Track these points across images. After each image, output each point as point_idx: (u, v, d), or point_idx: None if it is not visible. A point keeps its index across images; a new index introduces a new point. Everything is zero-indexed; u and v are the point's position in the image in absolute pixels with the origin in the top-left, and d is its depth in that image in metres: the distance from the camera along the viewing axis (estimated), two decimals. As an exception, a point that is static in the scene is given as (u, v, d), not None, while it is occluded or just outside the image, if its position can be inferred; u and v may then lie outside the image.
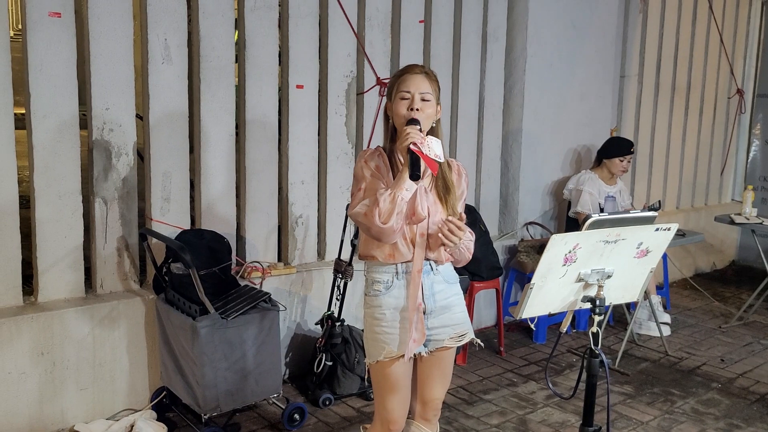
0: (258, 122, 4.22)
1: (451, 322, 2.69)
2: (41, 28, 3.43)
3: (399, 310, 2.61)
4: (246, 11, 4.09)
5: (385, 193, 2.44)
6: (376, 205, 2.43)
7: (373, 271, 2.66)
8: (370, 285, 2.66)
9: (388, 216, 2.43)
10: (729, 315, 6.03)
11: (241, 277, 4.07)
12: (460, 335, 2.71)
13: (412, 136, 2.43)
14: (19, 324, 3.44)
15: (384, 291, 2.62)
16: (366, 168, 2.58)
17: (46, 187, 3.56)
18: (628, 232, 2.50)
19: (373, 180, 2.55)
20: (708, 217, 7.00)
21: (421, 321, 2.60)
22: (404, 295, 2.61)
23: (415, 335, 2.59)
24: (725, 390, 4.48)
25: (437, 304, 2.66)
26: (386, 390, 2.66)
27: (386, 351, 2.60)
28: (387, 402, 2.67)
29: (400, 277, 2.62)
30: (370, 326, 2.66)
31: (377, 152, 2.64)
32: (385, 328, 2.61)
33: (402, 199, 2.44)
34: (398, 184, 2.45)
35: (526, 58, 5.44)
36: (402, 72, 2.63)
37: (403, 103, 2.56)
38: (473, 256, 4.74)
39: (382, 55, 4.70)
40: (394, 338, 2.60)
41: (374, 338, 2.63)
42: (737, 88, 7.75)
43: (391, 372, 2.62)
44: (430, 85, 2.58)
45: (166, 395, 3.80)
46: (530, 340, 5.25)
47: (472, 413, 4.05)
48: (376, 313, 2.63)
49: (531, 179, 5.65)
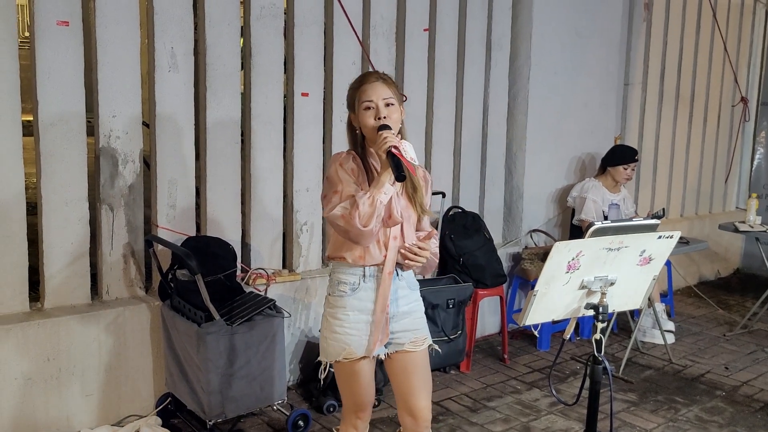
0: (263, 130, 4.25)
1: (411, 326, 2.72)
2: (49, 37, 3.46)
3: (362, 312, 2.63)
4: (252, 20, 4.12)
5: (364, 197, 2.45)
6: (355, 208, 2.44)
7: (339, 271, 2.67)
8: (335, 285, 2.67)
9: (368, 219, 2.44)
10: (733, 323, 6.02)
11: (246, 283, 4.09)
12: (422, 339, 2.74)
13: (390, 140, 2.45)
14: (26, 330, 3.46)
15: (350, 293, 2.63)
16: (341, 171, 2.58)
17: (53, 194, 3.58)
18: (631, 240, 2.52)
19: (348, 183, 2.56)
20: (712, 225, 6.99)
21: (387, 322, 2.64)
22: (370, 298, 2.63)
23: (381, 336, 2.63)
24: (729, 398, 4.48)
25: (399, 309, 2.69)
26: (352, 385, 2.71)
27: (346, 352, 2.62)
28: (354, 395, 2.74)
29: (367, 279, 2.63)
30: (329, 325, 2.66)
31: (350, 155, 2.65)
32: (347, 329, 2.63)
33: (381, 203, 2.46)
34: (377, 188, 2.47)
35: (530, 66, 5.46)
36: (359, 82, 2.64)
37: (368, 113, 2.57)
38: (478, 264, 4.84)
39: (386, 63, 4.73)
40: (356, 339, 2.62)
41: (334, 338, 2.64)
42: (741, 96, 7.75)
43: (354, 370, 2.66)
44: (389, 89, 2.60)
45: (171, 401, 3.81)
46: (534, 348, 5.25)
47: (475, 420, 4.06)
48: (338, 314, 2.64)
49: (535, 187, 5.66)
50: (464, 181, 5.37)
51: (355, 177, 2.59)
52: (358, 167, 2.62)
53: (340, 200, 2.52)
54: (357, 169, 2.61)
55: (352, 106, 2.65)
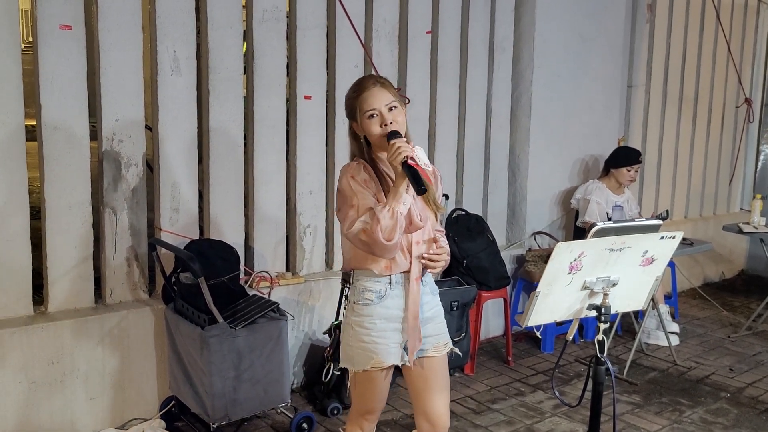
0: (266, 133, 4.25)
1: (434, 332, 2.71)
2: (52, 41, 3.47)
3: (389, 320, 2.60)
4: (254, 23, 4.13)
5: (384, 210, 2.41)
6: (376, 222, 2.39)
7: (364, 279, 2.61)
8: (360, 293, 2.62)
9: (390, 232, 2.40)
10: (738, 324, 6.00)
11: (250, 286, 4.09)
12: (443, 344, 2.73)
13: (404, 150, 2.40)
14: (30, 334, 3.47)
15: (376, 300, 2.59)
16: (354, 183, 2.51)
17: (57, 198, 3.59)
18: (633, 240, 2.51)
19: (363, 195, 2.49)
20: (716, 227, 6.98)
21: (419, 328, 2.61)
22: (397, 305, 2.60)
23: (415, 342, 2.60)
24: (734, 399, 4.46)
25: (424, 315, 2.67)
26: (368, 394, 2.68)
27: (374, 361, 2.59)
28: (368, 403, 2.72)
29: (394, 287, 2.60)
30: (356, 334, 2.61)
31: (360, 165, 2.58)
32: (375, 337, 2.59)
33: (401, 214, 2.42)
34: (395, 199, 2.42)
35: (533, 68, 5.47)
36: (357, 91, 2.57)
37: (373, 121, 2.52)
38: (481, 266, 4.83)
39: (389, 66, 4.73)
40: (383, 348, 2.59)
41: (361, 347, 2.60)
42: (745, 97, 7.74)
43: (378, 379, 2.64)
44: (390, 93, 2.56)
45: (175, 404, 3.81)
46: (538, 350, 5.24)
47: (480, 423, 4.05)
48: (365, 322, 2.59)
49: (538, 189, 5.66)
50: (468, 183, 5.36)
51: (369, 187, 2.53)
52: (370, 176, 2.56)
53: (357, 215, 2.45)
54: (370, 179, 2.55)
55: (354, 115, 2.59)
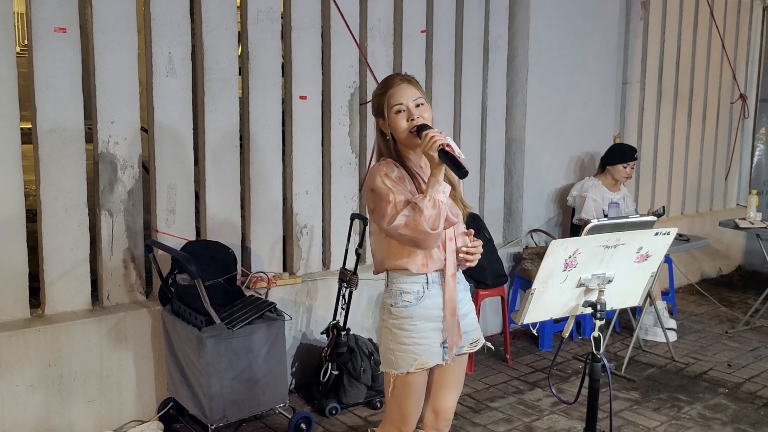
0: (262, 133, 4.25)
1: (469, 328, 2.72)
2: (47, 43, 3.47)
3: (429, 320, 2.59)
4: (249, 24, 4.13)
5: (425, 200, 2.40)
6: (420, 213, 2.39)
7: (400, 281, 2.60)
8: (398, 296, 2.60)
9: (434, 221, 2.40)
10: (735, 320, 6.01)
11: (247, 287, 4.10)
12: (475, 341, 2.75)
13: (439, 138, 2.40)
14: (26, 336, 3.47)
15: (415, 302, 2.58)
16: (388, 180, 2.49)
17: (53, 201, 3.59)
18: (627, 237, 2.52)
19: (399, 191, 2.48)
20: (713, 223, 6.98)
21: (458, 325, 2.62)
22: (436, 305, 2.59)
23: (456, 339, 2.61)
24: (732, 395, 4.47)
25: (460, 312, 2.67)
26: (407, 397, 2.65)
27: (418, 362, 2.58)
28: (405, 407, 2.67)
29: (431, 287, 2.59)
30: (397, 337, 2.59)
31: (391, 163, 2.57)
32: (417, 339, 2.57)
33: (442, 203, 2.42)
34: (434, 188, 2.42)
35: (528, 66, 5.47)
36: (385, 88, 2.59)
37: (400, 117, 2.54)
38: (478, 264, 4.82)
39: (384, 66, 4.73)
40: (426, 349, 2.58)
41: (403, 349, 2.58)
42: (740, 93, 7.75)
43: (417, 381, 2.63)
44: (417, 89, 2.58)
45: (173, 406, 3.81)
46: (536, 348, 5.25)
47: (478, 421, 4.06)
48: (405, 325, 2.58)
49: (534, 187, 5.67)
50: (464, 181, 5.33)
51: (403, 184, 2.52)
52: (401, 174, 2.55)
53: (396, 210, 2.44)
54: (402, 176, 2.54)
55: (381, 112, 2.59)
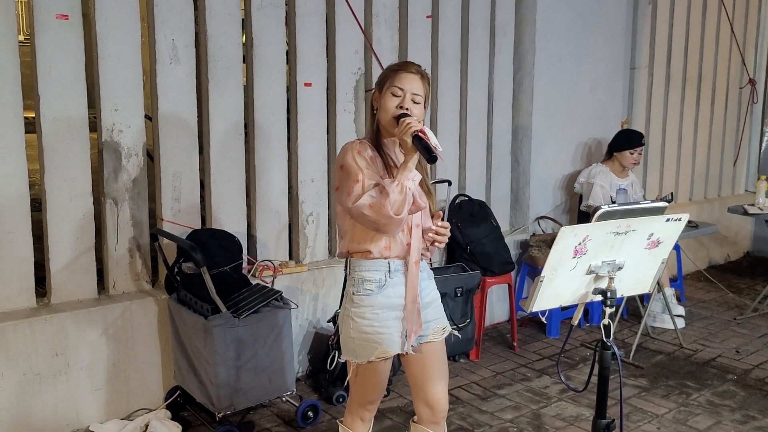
0: (267, 121, 4.23)
1: (434, 316, 2.70)
2: (49, 31, 3.44)
3: (391, 309, 2.57)
4: (253, 10, 4.10)
5: (393, 184, 2.39)
6: (385, 197, 2.37)
7: (362, 269, 2.58)
8: (359, 284, 2.58)
9: (399, 207, 2.38)
10: (744, 306, 5.98)
11: (253, 275, 4.08)
12: (442, 328, 2.72)
13: (414, 125, 2.40)
14: (33, 326, 3.46)
15: (376, 290, 2.56)
16: (360, 158, 2.48)
17: (57, 190, 3.58)
18: (638, 223, 2.49)
19: (369, 171, 2.48)
20: (721, 209, 6.94)
21: (419, 313, 2.59)
22: (397, 294, 2.57)
23: (415, 327, 2.59)
24: (741, 381, 4.45)
25: (424, 300, 2.66)
26: (370, 384, 2.66)
27: (379, 351, 2.56)
28: (368, 394, 2.69)
29: (393, 275, 2.57)
30: (356, 326, 2.58)
31: (365, 143, 2.57)
32: (378, 327, 2.56)
33: (410, 189, 2.41)
34: (404, 174, 2.41)
35: (535, 51, 5.43)
36: (399, 67, 2.59)
37: (393, 99, 2.53)
38: (485, 252, 4.82)
39: (389, 52, 4.70)
40: (387, 338, 2.56)
41: (364, 338, 2.57)
42: (749, 78, 7.69)
43: (379, 369, 2.62)
44: (422, 87, 2.57)
45: (180, 394, 3.81)
46: (543, 335, 5.23)
47: (486, 408, 4.04)
48: (366, 313, 2.56)
49: (542, 173, 5.63)
50: (470, 168, 5.33)
51: (375, 165, 2.51)
52: (375, 156, 2.54)
53: (363, 190, 2.42)
54: (375, 157, 2.54)
55: (382, 85, 2.59)
